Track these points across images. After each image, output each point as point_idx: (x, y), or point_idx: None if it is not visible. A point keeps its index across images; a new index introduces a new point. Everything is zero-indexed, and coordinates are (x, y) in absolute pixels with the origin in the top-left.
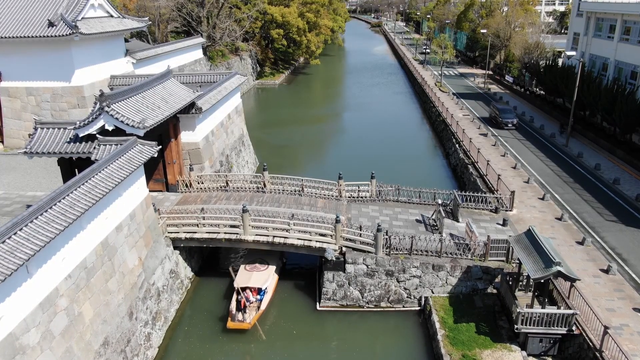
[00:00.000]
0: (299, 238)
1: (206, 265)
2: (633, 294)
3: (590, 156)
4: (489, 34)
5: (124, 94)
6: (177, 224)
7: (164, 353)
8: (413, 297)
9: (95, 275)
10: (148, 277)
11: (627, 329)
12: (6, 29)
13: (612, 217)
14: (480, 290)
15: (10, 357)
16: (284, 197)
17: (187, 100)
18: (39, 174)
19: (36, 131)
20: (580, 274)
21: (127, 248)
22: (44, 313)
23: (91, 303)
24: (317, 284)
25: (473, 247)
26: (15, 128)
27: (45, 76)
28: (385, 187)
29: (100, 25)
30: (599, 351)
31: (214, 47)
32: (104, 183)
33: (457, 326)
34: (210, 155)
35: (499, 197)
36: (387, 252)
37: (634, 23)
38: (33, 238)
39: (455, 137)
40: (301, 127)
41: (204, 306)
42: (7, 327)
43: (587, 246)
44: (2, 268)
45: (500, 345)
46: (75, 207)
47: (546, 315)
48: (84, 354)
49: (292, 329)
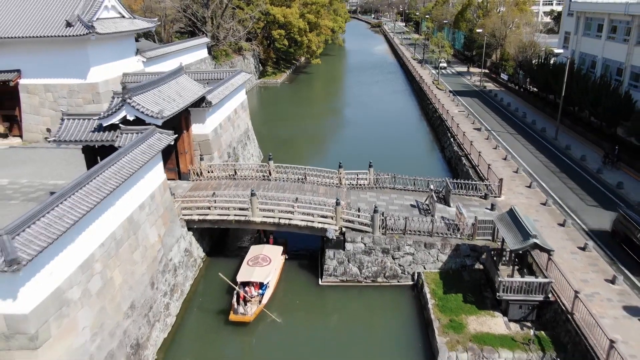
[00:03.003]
0: (302, 219)
1: (216, 247)
2: (606, 267)
3: (578, 148)
4: (485, 33)
5: (143, 87)
6: (191, 207)
7: (180, 321)
8: (407, 273)
9: (123, 246)
10: (166, 253)
11: (598, 296)
12: (26, 29)
13: (593, 202)
14: (468, 266)
15: (58, 307)
16: (288, 185)
17: (198, 94)
18: (57, 165)
19: (63, 122)
20: (560, 251)
21: (149, 225)
22: (83, 274)
23: (120, 270)
24: (319, 263)
25: (462, 227)
26: (33, 123)
27: (63, 74)
28: (382, 176)
29: (113, 25)
30: (570, 314)
31: (218, 46)
32: (130, 165)
33: (446, 297)
34: (218, 146)
35: (489, 185)
36: (383, 232)
37: (619, 22)
38: (75, 207)
39: (450, 132)
40: (303, 123)
41: (215, 284)
42: (56, 281)
43: (567, 227)
44: (54, 230)
45: (484, 312)
46: (107, 184)
47: (525, 283)
48: (114, 314)
49: (297, 302)
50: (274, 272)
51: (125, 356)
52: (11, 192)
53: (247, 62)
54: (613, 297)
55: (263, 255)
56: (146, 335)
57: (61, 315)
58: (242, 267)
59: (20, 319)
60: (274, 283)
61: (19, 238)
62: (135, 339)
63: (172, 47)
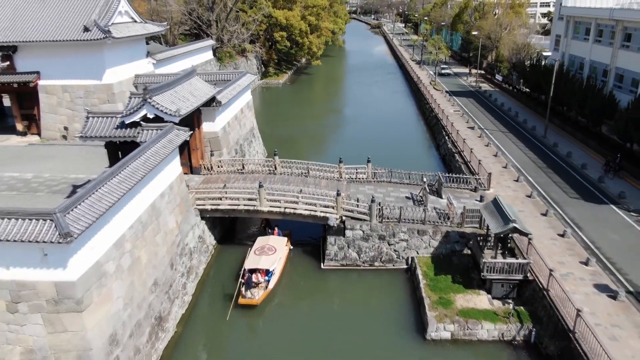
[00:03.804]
0: (306, 209)
1: (225, 237)
2: (581, 251)
3: (565, 146)
4: (481, 35)
5: (161, 88)
6: (204, 197)
7: (195, 301)
8: (401, 258)
9: (147, 229)
10: (183, 238)
11: (572, 275)
12: (46, 34)
13: (575, 195)
14: (457, 251)
15: (98, 278)
16: (292, 178)
17: (209, 94)
18: (75, 160)
19: (88, 120)
20: (541, 237)
21: (168, 212)
22: (117, 251)
23: (145, 251)
24: (321, 248)
25: (452, 216)
26: (51, 121)
27: (79, 75)
28: (379, 170)
29: (127, 29)
30: (546, 290)
31: (222, 48)
32: (153, 158)
33: (436, 278)
34: (227, 143)
35: (478, 179)
36: (380, 220)
37: (605, 26)
38: (111, 192)
39: (445, 130)
40: (304, 122)
41: (225, 269)
42: (96, 255)
43: (549, 217)
44: (95, 210)
45: (470, 291)
46: (135, 174)
47: (506, 264)
48: (141, 289)
49: (301, 284)
50: (279, 260)
51: (150, 326)
52: (36, 185)
53: (250, 63)
54: (585, 277)
55: (269, 245)
56: (167, 309)
57: (100, 285)
58: (250, 256)
59: (69, 285)
60: (279, 270)
61: (69, 215)
62: (158, 312)
63: (180, 50)
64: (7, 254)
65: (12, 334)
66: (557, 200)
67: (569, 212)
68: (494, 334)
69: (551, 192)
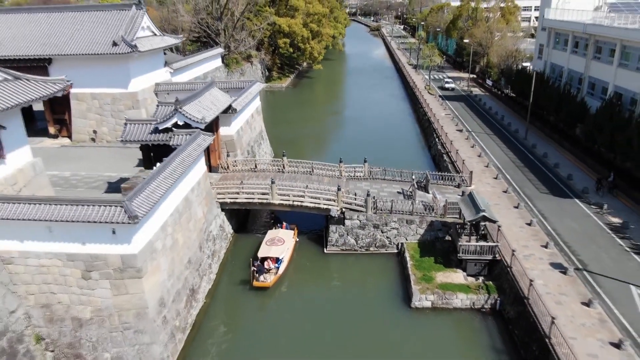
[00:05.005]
0: (311, 202)
1: (240, 227)
2: (544, 237)
3: (543, 147)
4: (472, 42)
5: (189, 99)
6: (224, 192)
7: (218, 279)
8: (392, 243)
9: (183, 217)
10: (208, 226)
11: (533, 256)
12: (78, 48)
13: (545, 190)
14: (440, 238)
15: (151, 253)
16: (299, 176)
17: (227, 103)
18: (106, 160)
19: (126, 126)
20: (511, 226)
21: (197, 204)
22: (162, 233)
23: (181, 235)
24: (324, 236)
25: (436, 208)
26: (81, 125)
27: (107, 84)
28: (374, 169)
29: (149, 43)
30: (509, 267)
31: (230, 55)
32: (187, 159)
33: (421, 259)
34: (240, 145)
35: (462, 176)
36: (374, 212)
37: (580, 39)
38: (160, 186)
39: (436, 133)
40: (307, 124)
41: (241, 254)
42: (149, 235)
43: (520, 209)
44: (151, 199)
45: (449, 270)
46: (176, 171)
47: (478, 247)
48: (179, 265)
49: (307, 265)
50: (287, 250)
51: (186, 296)
52: (75, 182)
53: (255, 68)
54: (544, 257)
55: (278, 237)
56: (198, 284)
57: (152, 258)
58: (262, 246)
59: (132, 257)
60: (287, 259)
61: (134, 202)
62: (192, 285)
63: (194, 59)
64: (83, 233)
65: (84, 296)
66: (529, 195)
67: (538, 204)
68: (466, 303)
69: (525, 187)
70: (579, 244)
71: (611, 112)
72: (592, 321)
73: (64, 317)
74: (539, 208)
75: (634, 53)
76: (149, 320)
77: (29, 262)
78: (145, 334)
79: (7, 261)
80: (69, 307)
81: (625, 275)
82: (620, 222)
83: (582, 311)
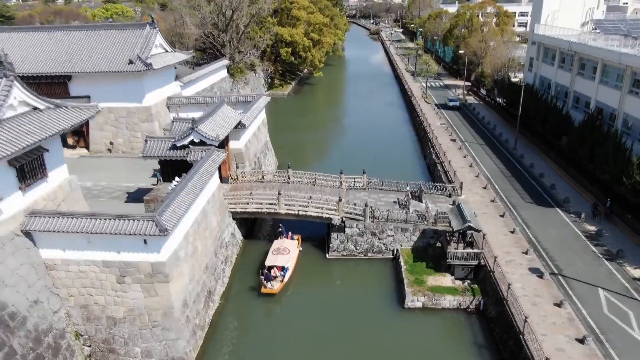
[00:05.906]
0: (314, 211)
1: (249, 234)
2: (525, 244)
3: (530, 157)
4: (467, 52)
5: (203, 118)
6: (235, 202)
7: (231, 282)
8: (388, 249)
9: (201, 226)
10: (222, 234)
11: (514, 262)
12: (96, 65)
13: (529, 199)
14: (432, 245)
15: (176, 260)
16: (302, 186)
17: (237, 120)
18: (124, 171)
19: (147, 142)
20: (496, 234)
21: (212, 214)
22: (185, 242)
23: (200, 243)
24: (326, 242)
25: (428, 217)
26: (98, 137)
27: (123, 99)
28: (372, 180)
29: (162, 60)
30: (492, 272)
31: (234, 65)
32: (205, 174)
33: (414, 264)
34: (248, 157)
35: (454, 186)
36: (372, 220)
37: (566, 55)
38: (184, 200)
39: (431, 142)
40: (308, 131)
41: (251, 259)
42: (174, 245)
43: (505, 218)
44: (177, 214)
45: (439, 274)
46: (196, 186)
47: (465, 253)
48: (198, 270)
49: (311, 269)
50: (292, 259)
51: (204, 297)
52: (97, 192)
53: (258, 76)
54: (524, 262)
55: (284, 247)
56: (214, 287)
57: (177, 265)
58: (269, 255)
59: (161, 264)
60: (292, 267)
61: (163, 217)
62: (209, 288)
63: (202, 72)
64: (119, 243)
65: (119, 298)
66: (515, 204)
67: (522, 213)
68: (453, 304)
69: (511, 197)
70: (557, 251)
71: (592, 126)
72: (562, 320)
73: (100, 316)
74: (523, 217)
75: (613, 71)
76: (175, 319)
77: (70, 269)
78: (172, 331)
79: (51, 267)
80: (105, 307)
81: (595, 279)
82: (594, 230)
83: (554, 311)
